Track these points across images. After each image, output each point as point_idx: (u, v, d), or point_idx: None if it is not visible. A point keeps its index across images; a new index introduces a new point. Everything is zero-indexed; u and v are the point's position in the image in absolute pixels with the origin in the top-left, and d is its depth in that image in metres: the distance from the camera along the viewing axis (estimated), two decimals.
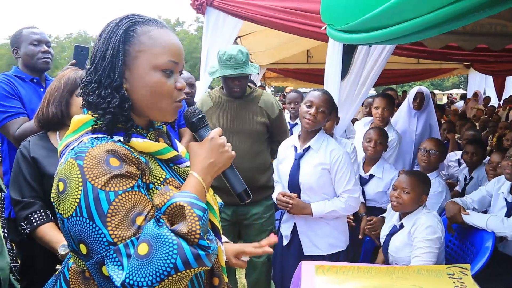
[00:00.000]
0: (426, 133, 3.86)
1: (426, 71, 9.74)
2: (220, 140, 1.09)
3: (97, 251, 0.89)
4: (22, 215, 1.65)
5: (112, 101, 0.99)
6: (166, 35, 1.05)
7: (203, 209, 0.94)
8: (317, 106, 2.20)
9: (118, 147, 0.97)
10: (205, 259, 0.90)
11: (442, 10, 1.11)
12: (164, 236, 0.88)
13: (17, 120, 2.18)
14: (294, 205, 2.26)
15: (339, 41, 2.88)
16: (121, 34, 1.00)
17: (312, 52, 8.49)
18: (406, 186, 2.22)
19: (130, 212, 0.91)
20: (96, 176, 0.91)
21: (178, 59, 1.06)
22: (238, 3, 3.93)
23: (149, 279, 0.85)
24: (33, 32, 2.38)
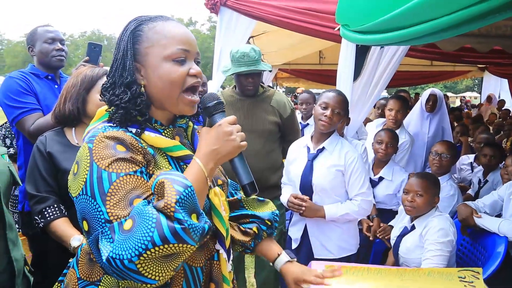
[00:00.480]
0: (438, 136, 3.83)
1: (440, 73, 9.63)
2: (227, 127, 1.07)
3: (95, 227, 0.93)
4: (36, 209, 1.67)
5: (123, 97, 1.05)
6: (171, 26, 1.08)
7: (185, 185, 0.93)
8: (333, 108, 2.18)
9: (127, 136, 1.02)
10: (182, 234, 0.88)
11: (461, 12, 1.10)
12: (145, 211, 0.89)
13: (32, 115, 2.21)
14: (307, 208, 2.21)
15: (353, 42, 2.87)
16: (128, 35, 1.07)
17: (324, 53, 8.46)
18: (419, 189, 2.20)
19: (129, 193, 0.95)
20: (101, 158, 0.97)
21: (187, 47, 1.08)
22: (251, 3, 3.94)
23: (129, 252, 0.86)
24: (47, 30, 2.43)
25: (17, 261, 1.38)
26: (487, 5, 1.03)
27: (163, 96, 1.08)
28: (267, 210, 1.42)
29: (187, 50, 1.07)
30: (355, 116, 3.62)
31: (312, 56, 8.36)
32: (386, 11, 1.42)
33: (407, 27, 1.38)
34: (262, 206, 1.44)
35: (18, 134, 2.37)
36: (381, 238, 2.72)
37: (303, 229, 2.34)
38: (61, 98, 1.83)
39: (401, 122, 3.48)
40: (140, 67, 1.07)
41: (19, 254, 1.41)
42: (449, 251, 2.06)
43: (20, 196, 2.28)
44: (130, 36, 1.07)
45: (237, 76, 2.60)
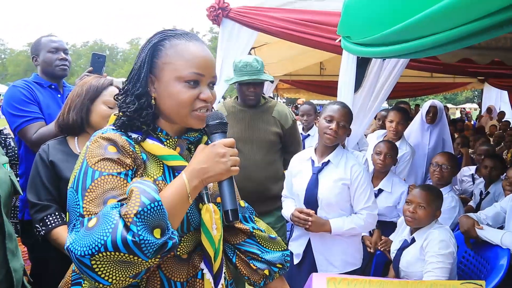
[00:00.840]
0: (439, 147, 3.83)
1: (440, 85, 9.66)
2: (221, 149, 1.07)
3: (71, 220, 0.98)
4: (37, 217, 1.67)
5: (130, 107, 1.09)
6: (193, 48, 1.10)
7: (152, 199, 0.92)
8: (338, 121, 2.16)
9: (120, 139, 1.06)
10: (132, 246, 0.87)
11: (464, 27, 1.11)
12: (109, 214, 0.91)
13: (35, 124, 2.23)
14: (313, 223, 2.17)
15: (354, 54, 2.90)
16: (150, 48, 1.10)
17: (325, 64, 8.51)
18: (421, 201, 2.19)
19: (106, 193, 0.97)
20: (92, 156, 1.02)
21: (202, 71, 1.09)
22: (253, 15, 3.98)
23: (82, 249, 0.88)
24: (51, 40, 2.46)
25: (16, 272, 1.37)
26: (490, 20, 1.04)
27: (171, 112, 1.11)
28: (277, 250, 1.40)
29: (202, 75, 1.09)
30: (356, 127, 3.62)
31: (313, 67, 8.40)
32: (389, 25, 1.43)
33: (410, 40, 1.40)
34: (272, 244, 1.40)
35: (20, 142, 2.37)
36: (382, 251, 2.70)
37: (305, 244, 2.30)
38: (65, 107, 1.84)
39: (401, 134, 3.49)
40: (154, 79, 1.11)
41: (18, 265, 1.40)
42: (450, 263, 2.05)
43: (21, 205, 2.28)
44: (151, 49, 1.10)
45: (239, 86, 2.61)
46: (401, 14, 1.32)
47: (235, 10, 4.10)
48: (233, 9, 4.11)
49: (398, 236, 2.41)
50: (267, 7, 4.04)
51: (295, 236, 2.40)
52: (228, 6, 4.11)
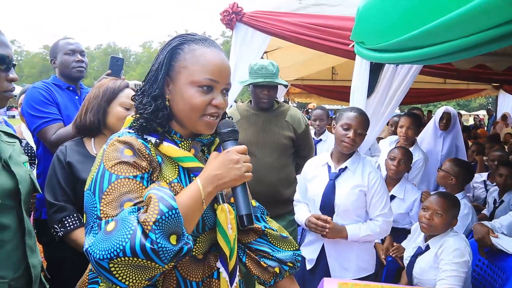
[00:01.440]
0: (452, 154, 3.80)
1: (453, 91, 9.58)
2: (234, 155, 1.09)
3: (89, 221, 1.00)
4: (56, 218, 1.70)
5: (147, 108, 1.12)
6: (210, 54, 1.12)
7: (170, 207, 0.95)
8: (355, 129, 2.15)
9: (136, 142, 1.08)
10: (150, 253, 0.90)
11: (480, 35, 1.11)
12: (128, 220, 0.93)
13: (54, 125, 2.27)
14: (330, 229, 2.16)
15: (368, 60, 2.90)
16: (168, 50, 1.13)
17: (337, 69, 8.50)
18: (438, 208, 2.18)
19: (123, 196, 0.99)
20: (109, 159, 1.04)
21: (217, 78, 1.11)
22: (266, 19, 4.00)
23: (101, 253, 0.90)
24: (68, 42, 2.51)
25: (34, 268, 1.40)
26: (506, 28, 1.03)
27: (183, 115, 1.13)
28: (288, 250, 1.40)
29: (216, 81, 1.11)
30: (368, 133, 3.62)
31: (324, 72, 8.39)
32: (404, 31, 1.43)
33: (425, 47, 1.39)
34: (284, 243, 1.41)
35: (38, 143, 2.43)
36: (394, 257, 2.69)
37: (319, 250, 2.29)
38: (83, 108, 1.87)
39: (413, 139, 3.46)
40: (170, 81, 1.13)
41: (36, 261, 1.43)
42: (465, 271, 2.03)
43: (37, 204, 2.31)
44: (170, 52, 1.12)
45: (253, 88, 2.64)
46: (417, 21, 1.32)
47: (249, 14, 4.14)
48: (247, 13, 4.14)
49: (412, 243, 2.40)
50: (280, 12, 4.06)
51: (307, 242, 2.39)
52: (241, 11, 4.14)
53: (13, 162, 1.37)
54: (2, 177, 1.30)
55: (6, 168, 1.33)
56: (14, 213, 1.34)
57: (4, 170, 1.33)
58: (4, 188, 1.29)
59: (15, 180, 1.34)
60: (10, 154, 1.38)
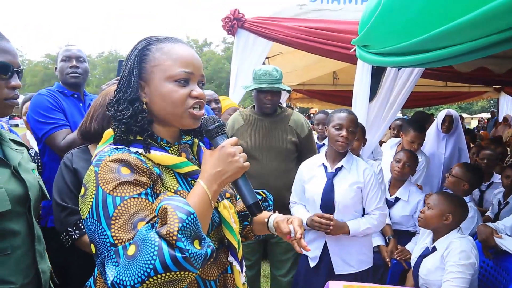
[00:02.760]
0: (455, 157, 3.81)
1: (455, 94, 9.59)
2: (230, 149, 1.09)
3: (102, 250, 0.95)
4: (70, 221, 1.69)
5: (125, 113, 1.09)
6: (178, 48, 1.11)
7: (188, 212, 0.93)
8: (347, 128, 2.26)
9: (131, 158, 1.04)
10: (183, 262, 0.88)
11: (486, 39, 1.13)
12: (149, 238, 0.89)
13: (62, 131, 2.27)
14: (333, 226, 2.24)
15: (371, 64, 2.92)
16: (136, 53, 1.11)
17: (338, 74, 8.53)
18: (430, 202, 2.27)
19: (133, 217, 0.96)
20: (106, 182, 0.99)
21: (191, 69, 1.10)
22: (268, 25, 4.04)
23: (132, 279, 0.87)
24: (66, 49, 2.50)
25: (44, 273, 1.41)
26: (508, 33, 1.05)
27: (166, 113, 1.11)
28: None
29: (191, 73, 1.10)
30: (370, 137, 3.63)
31: (326, 77, 8.44)
32: (412, 36, 1.45)
33: (431, 50, 1.41)
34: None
35: (44, 150, 2.42)
36: (399, 260, 2.69)
37: (322, 247, 2.35)
38: (88, 115, 1.87)
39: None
40: (144, 85, 1.11)
41: (46, 267, 1.44)
42: (471, 274, 2.04)
43: (43, 212, 2.29)
44: (138, 55, 1.11)
45: (257, 93, 2.66)
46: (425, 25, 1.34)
47: (250, 20, 4.18)
48: (248, 19, 4.19)
49: (420, 243, 2.42)
50: (281, 17, 4.10)
51: (309, 240, 2.44)
52: (243, 17, 4.19)
53: (22, 169, 1.38)
54: (12, 184, 1.32)
55: (15, 175, 1.35)
56: (24, 219, 1.36)
57: (14, 177, 1.34)
58: (14, 194, 1.30)
59: (25, 186, 1.35)
60: (19, 161, 1.40)
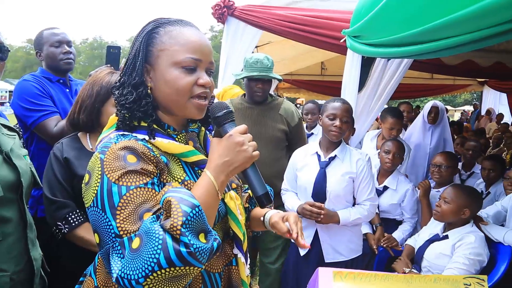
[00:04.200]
0: (440, 147, 3.88)
1: (440, 87, 9.74)
2: (238, 138, 1.03)
3: (106, 241, 0.92)
4: (60, 215, 1.66)
5: (129, 98, 1.05)
6: (187, 32, 1.06)
7: (193, 205, 0.89)
8: (341, 117, 2.27)
9: (138, 145, 1.00)
10: (188, 257, 0.85)
11: (479, 32, 1.16)
12: (153, 231, 0.86)
13: (53, 118, 2.21)
14: (324, 215, 2.26)
15: (362, 54, 2.93)
16: (143, 36, 1.06)
17: (326, 64, 8.56)
18: (446, 197, 2.29)
19: (139, 207, 0.93)
20: (112, 170, 0.95)
21: (199, 56, 1.05)
22: (258, 13, 4.01)
23: (136, 273, 0.84)
24: (53, 33, 2.39)
25: (36, 261, 1.40)
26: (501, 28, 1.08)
27: (169, 101, 1.07)
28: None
29: (199, 59, 1.05)
30: (359, 127, 3.67)
31: (314, 67, 8.45)
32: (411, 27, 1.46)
33: (426, 42, 1.43)
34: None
35: (31, 139, 2.34)
36: (385, 247, 2.75)
37: (313, 235, 2.38)
38: (76, 105, 1.81)
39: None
40: (150, 69, 1.07)
41: (37, 254, 1.44)
42: (476, 269, 2.10)
43: (32, 201, 2.21)
44: (145, 37, 1.06)
45: (248, 81, 2.67)
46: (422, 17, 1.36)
47: (240, 8, 4.14)
48: (238, 7, 4.14)
49: (430, 229, 2.47)
50: (272, 6, 4.07)
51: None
52: (233, 5, 4.14)
53: (14, 155, 1.36)
54: (3, 170, 1.30)
55: (7, 161, 1.33)
56: (15, 206, 1.34)
57: (6, 163, 1.32)
58: (6, 180, 1.29)
59: (17, 173, 1.34)
60: (11, 147, 1.38)
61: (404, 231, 2.86)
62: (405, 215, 2.92)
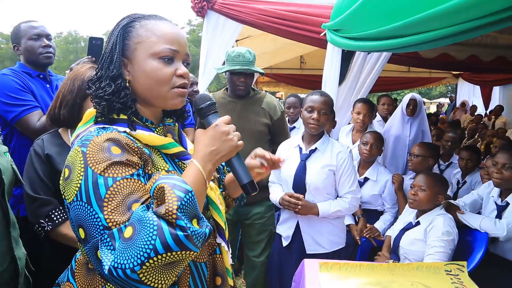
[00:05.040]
0: (419, 138, 3.96)
1: (416, 80, 9.95)
2: (224, 127, 1.07)
3: (93, 235, 0.91)
4: (42, 212, 1.63)
5: (107, 90, 1.05)
6: (163, 25, 1.08)
7: (186, 191, 0.90)
8: (318, 110, 2.28)
9: (121, 137, 1.00)
10: (185, 241, 0.85)
11: (457, 26, 1.20)
12: (146, 218, 0.86)
13: (35, 112, 2.15)
14: (302, 206, 2.29)
15: (342, 48, 2.97)
16: (119, 30, 1.08)
17: (305, 58, 8.62)
18: (422, 184, 2.34)
19: (127, 198, 0.92)
20: (96, 162, 0.94)
21: (176, 47, 1.07)
22: (238, 7, 4.00)
23: (131, 261, 0.83)
24: (32, 26, 2.33)
25: (20, 260, 1.38)
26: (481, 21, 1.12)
27: (150, 92, 1.08)
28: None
29: (176, 50, 1.07)
30: (339, 119, 3.73)
31: (293, 61, 8.50)
32: (393, 21, 1.49)
33: (406, 36, 1.47)
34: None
35: (11, 135, 2.28)
36: (368, 238, 2.81)
37: (295, 226, 2.41)
38: (57, 101, 1.77)
39: (367, 124, 3.57)
40: (127, 62, 1.08)
41: (21, 253, 1.41)
42: (451, 249, 2.18)
43: (13, 201, 2.13)
44: (121, 31, 1.07)
45: (230, 75, 2.66)
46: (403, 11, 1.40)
47: (220, 2, 4.11)
48: (218, 1, 4.11)
49: (403, 218, 2.54)
50: (252, 0, 4.06)
51: (283, 220, 2.50)
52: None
53: None
54: None
55: None
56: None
57: None
58: None
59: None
60: None
61: (386, 221, 2.93)
62: (386, 205, 2.99)
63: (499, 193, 2.54)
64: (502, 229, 2.26)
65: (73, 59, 32.01)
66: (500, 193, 2.53)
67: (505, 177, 2.41)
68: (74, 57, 33.59)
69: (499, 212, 2.46)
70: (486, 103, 10.41)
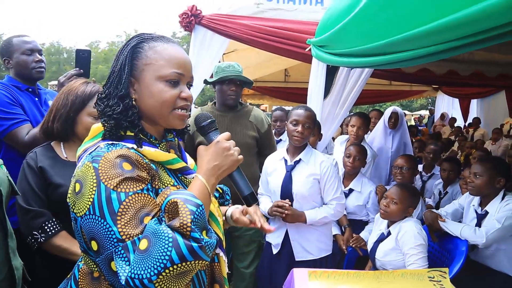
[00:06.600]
0: (400, 150, 4.09)
1: (398, 93, 10.18)
2: (225, 143, 1.14)
3: (107, 247, 0.96)
4: (36, 224, 1.64)
5: (116, 109, 1.11)
6: (171, 49, 1.14)
7: (197, 205, 0.97)
8: (303, 123, 2.40)
9: (131, 153, 1.05)
10: (199, 251, 0.93)
11: (441, 45, 1.29)
12: (161, 231, 0.92)
13: (25, 126, 2.17)
14: (290, 214, 2.38)
15: (327, 63, 3.06)
16: (129, 50, 1.13)
17: (289, 71, 8.74)
18: (394, 197, 2.42)
19: (139, 212, 0.98)
20: (109, 178, 0.99)
21: (182, 71, 1.13)
22: (225, 22, 4.08)
23: (148, 272, 0.89)
24: (25, 41, 2.37)
25: (17, 270, 1.39)
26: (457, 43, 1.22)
27: (154, 111, 1.14)
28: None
29: (182, 74, 1.13)
30: (324, 132, 3.82)
31: (277, 74, 8.60)
32: (372, 40, 1.59)
33: (389, 53, 1.56)
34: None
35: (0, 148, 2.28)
36: (354, 247, 2.88)
37: (284, 234, 2.49)
38: (50, 114, 1.80)
39: (362, 138, 3.67)
40: (134, 81, 1.13)
41: (18, 263, 1.43)
42: (426, 251, 2.27)
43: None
44: (130, 51, 1.12)
45: (220, 86, 2.74)
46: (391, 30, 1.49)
47: (208, 17, 4.19)
48: (206, 16, 4.20)
49: (375, 230, 2.62)
50: (239, 15, 4.16)
51: None
52: (200, 14, 4.19)
53: None
54: None
55: None
56: None
57: None
58: None
59: None
60: None
61: (371, 230, 3.00)
62: (370, 215, 3.08)
63: (479, 202, 2.65)
64: (481, 236, 2.36)
65: (55, 70, 31.54)
66: (480, 202, 2.64)
67: (476, 185, 2.54)
68: (56, 68, 33.08)
69: (479, 220, 2.56)
70: (464, 115, 10.71)
